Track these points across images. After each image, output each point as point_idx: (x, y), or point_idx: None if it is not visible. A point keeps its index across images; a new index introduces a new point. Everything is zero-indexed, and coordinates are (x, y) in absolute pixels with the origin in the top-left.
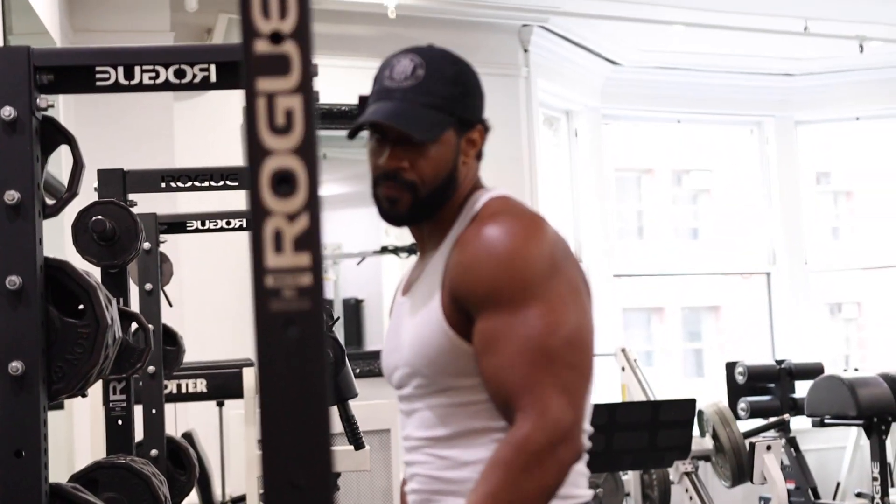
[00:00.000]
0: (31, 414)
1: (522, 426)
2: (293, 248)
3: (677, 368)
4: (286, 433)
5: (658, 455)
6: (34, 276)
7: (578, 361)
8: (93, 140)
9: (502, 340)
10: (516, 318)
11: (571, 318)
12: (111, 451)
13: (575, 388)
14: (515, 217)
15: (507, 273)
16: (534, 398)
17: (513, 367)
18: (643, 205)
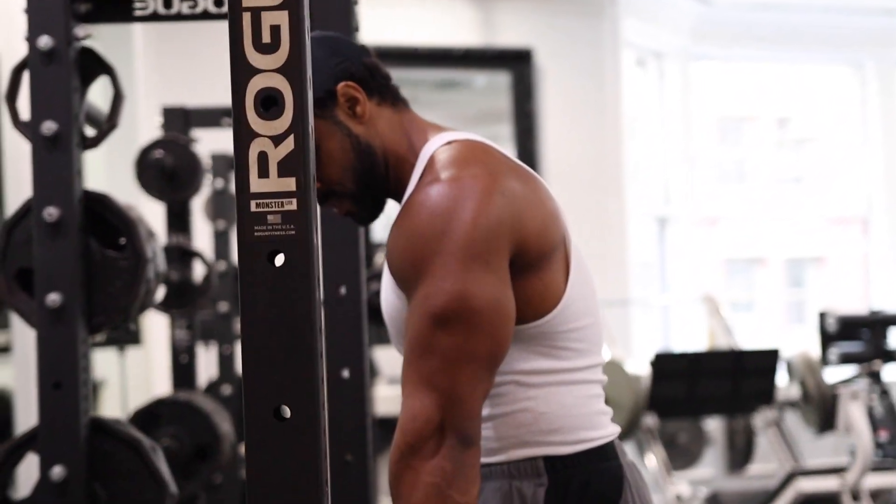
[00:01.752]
0: (69, 346)
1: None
2: (278, 172)
3: (779, 318)
4: (270, 364)
5: (741, 402)
6: (72, 207)
7: (453, 343)
8: (167, 76)
9: (406, 334)
10: (410, 306)
11: (445, 294)
12: (176, 388)
13: (444, 375)
14: (425, 191)
15: (404, 257)
16: (403, 398)
17: (402, 363)
18: (744, 151)
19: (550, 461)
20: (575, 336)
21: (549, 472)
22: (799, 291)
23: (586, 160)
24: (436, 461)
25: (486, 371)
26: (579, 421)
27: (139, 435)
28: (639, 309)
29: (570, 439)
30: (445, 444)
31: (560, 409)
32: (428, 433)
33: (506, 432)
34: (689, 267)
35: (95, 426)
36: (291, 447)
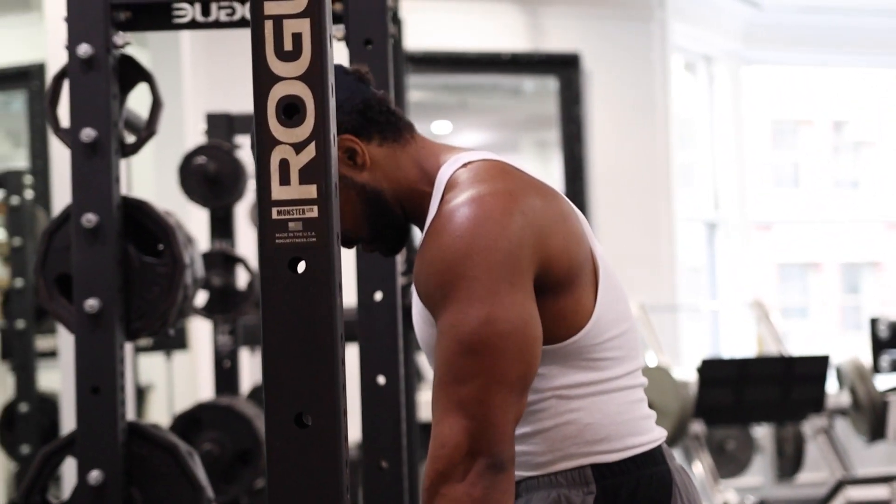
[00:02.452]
0: (107, 351)
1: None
2: (300, 180)
3: (834, 324)
4: (291, 371)
5: (791, 410)
6: (111, 214)
7: (483, 368)
8: (214, 82)
9: (435, 357)
10: (438, 332)
11: (473, 320)
12: (218, 392)
13: (474, 402)
14: (446, 215)
15: (430, 282)
16: (433, 425)
17: (432, 389)
18: (799, 154)
19: (598, 469)
20: (611, 345)
21: (598, 479)
22: (855, 297)
23: (635, 165)
24: (465, 487)
25: (516, 395)
26: (625, 428)
27: (176, 439)
28: (687, 315)
29: (618, 447)
30: (475, 470)
31: (604, 418)
32: (458, 459)
33: (552, 446)
34: (741, 272)
35: (132, 431)
36: (313, 454)
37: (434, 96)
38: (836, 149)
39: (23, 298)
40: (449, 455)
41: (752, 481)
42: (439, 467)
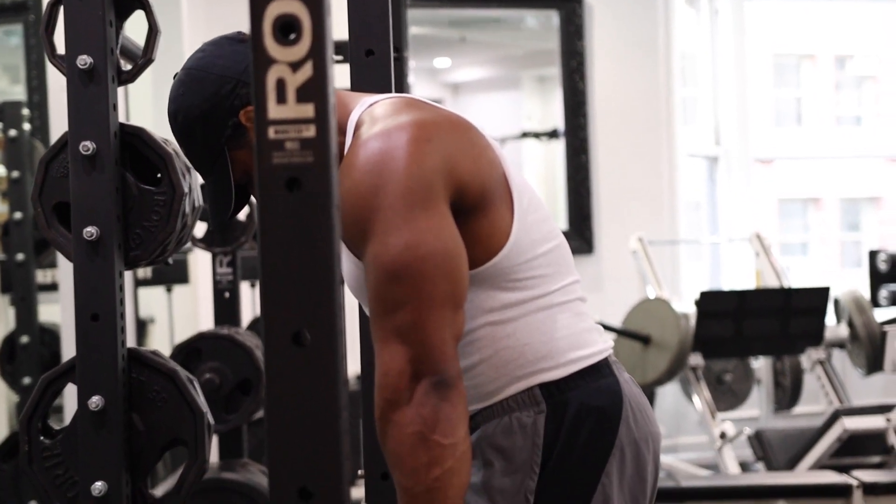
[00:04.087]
0: (106, 279)
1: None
2: (296, 99)
3: (834, 260)
4: (289, 291)
5: (789, 342)
6: (108, 141)
7: (412, 292)
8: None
9: (367, 293)
10: (366, 266)
11: (393, 248)
12: (218, 323)
13: (409, 326)
14: (353, 152)
15: (347, 221)
16: (375, 356)
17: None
18: (802, 91)
19: (546, 388)
20: (536, 264)
21: (546, 398)
22: (855, 234)
23: (636, 100)
24: (414, 409)
25: (449, 313)
26: (565, 343)
27: (175, 366)
28: (688, 249)
29: (561, 361)
30: (420, 391)
31: (541, 336)
32: (403, 385)
33: (496, 373)
34: (741, 207)
35: (132, 357)
36: (311, 372)
37: (434, 31)
38: (838, 84)
39: (22, 231)
40: (394, 382)
41: (750, 413)
42: (386, 395)
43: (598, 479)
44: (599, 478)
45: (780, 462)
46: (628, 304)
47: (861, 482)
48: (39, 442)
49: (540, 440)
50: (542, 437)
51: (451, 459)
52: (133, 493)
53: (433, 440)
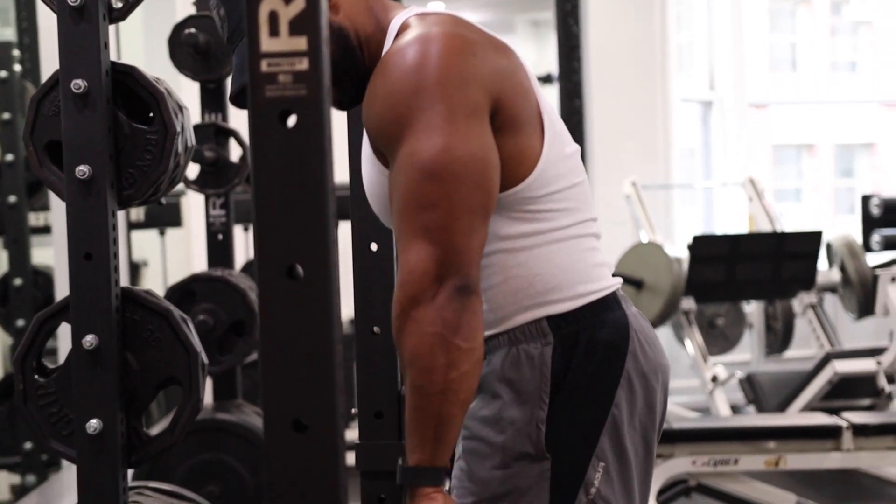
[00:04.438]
0: (99, 218)
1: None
2: (289, 31)
3: (827, 206)
4: (282, 224)
5: (782, 286)
6: (99, 79)
7: (445, 194)
8: None
9: (392, 191)
10: (396, 163)
11: (432, 147)
12: (211, 265)
13: (439, 228)
14: (397, 51)
15: (384, 115)
16: (399, 253)
17: (393, 220)
18: (798, 36)
19: (553, 320)
20: (558, 197)
21: (554, 330)
22: (848, 180)
23: (631, 44)
24: (436, 309)
25: (479, 221)
26: (576, 276)
27: (169, 305)
28: (681, 195)
29: (570, 295)
30: (444, 293)
31: (553, 267)
32: (427, 284)
33: (503, 301)
34: (735, 153)
35: (126, 297)
36: (305, 305)
37: None
38: (833, 30)
39: (14, 173)
40: (418, 280)
41: (742, 357)
42: (409, 292)
43: (608, 410)
44: (609, 409)
45: (770, 405)
46: (621, 248)
47: (851, 423)
48: (34, 380)
49: (548, 371)
50: (550, 368)
51: (468, 364)
52: (128, 431)
53: (453, 343)
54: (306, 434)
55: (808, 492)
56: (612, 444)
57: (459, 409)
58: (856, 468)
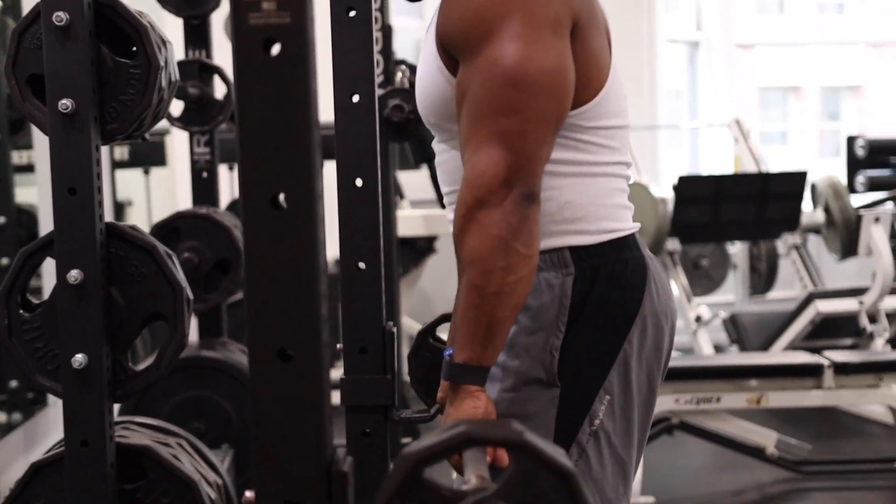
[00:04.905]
0: (83, 152)
1: (461, 186)
2: None
3: (813, 149)
4: (267, 153)
5: (766, 227)
6: (82, 12)
7: (526, 103)
8: None
9: (465, 93)
10: (474, 67)
11: (519, 57)
12: (196, 203)
13: (511, 132)
14: None
15: (467, 18)
16: (468, 153)
17: (462, 121)
18: None
19: (576, 251)
20: (605, 133)
21: (576, 262)
22: (834, 123)
23: None
24: (502, 215)
25: (551, 133)
26: (603, 211)
27: (154, 241)
28: (667, 136)
29: (594, 229)
30: (511, 199)
31: (584, 198)
32: (496, 187)
33: None
34: (721, 94)
35: (111, 232)
36: (288, 236)
37: None
38: None
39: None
40: (488, 183)
41: (726, 298)
42: (477, 194)
43: (620, 344)
44: (622, 344)
45: (753, 345)
46: None
47: (832, 362)
48: (19, 315)
49: (567, 301)
50: (570, 298)
51: (525, 269)
52: (113, 366)
53: (514, 248)
54: (291, 364)
55: (788, 429)
56: (620, 378)
57: (512, 313)
58: (836, 406)
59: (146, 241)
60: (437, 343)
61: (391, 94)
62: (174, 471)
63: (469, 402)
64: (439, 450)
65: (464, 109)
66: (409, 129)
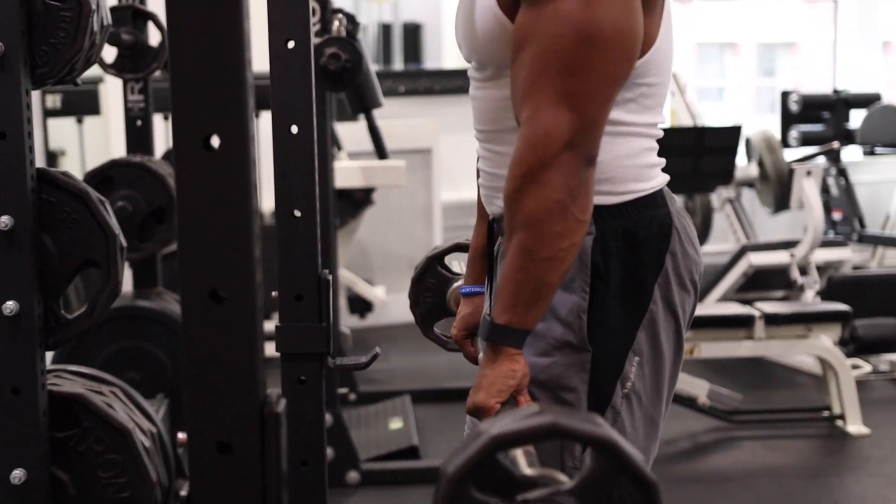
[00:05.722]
0: (13, 95)
1: (518, 142)
2: None
3: (749, 105)
4: (198, 93)
5: (701, 180)
6: None
7: (597, 63)
8: None
9: (526, 40)
10: (543, 13)
11: (594, 11)
12: (130, 152)
13: (579, 92)
14: None
15: None
16: (529, 109)
17: (522, 71)
18: None
19: (598, 211)
20: (647, 92)
21: (597, 221)
22: (770, 79)
23: None
24: (563, 178)
25: (616, 94)
26: (630, 172)
27: (86, 187)
28: None
29: (618, 190)
30: (573, 163)
31: (614, 158)
32: (559, 150)
33: None
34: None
35: (42, 178)
36: (221, 176)
37: None
38: None
39: None
40: (552, 145)
41: None
42: (540, 155)
43: (647, 304)
44: (648, 305)
45: None
46: None
47: (763, 313)
48: None
49: (588, 260)
50: (590, 257)
51: (578, 236)
52: (45, 313)
53: (571, 212)
54: (224, 305)
55: (720, 380)
56: (649, 338)
57: (559, 278)
58: (766, 357)
59: (78, 188)
60: (444, 270)
61: (328, 42)
62: (107, 418)
63: (507, 365)
64: (522, 436)
65: (524, 58)
66: (346, 79)
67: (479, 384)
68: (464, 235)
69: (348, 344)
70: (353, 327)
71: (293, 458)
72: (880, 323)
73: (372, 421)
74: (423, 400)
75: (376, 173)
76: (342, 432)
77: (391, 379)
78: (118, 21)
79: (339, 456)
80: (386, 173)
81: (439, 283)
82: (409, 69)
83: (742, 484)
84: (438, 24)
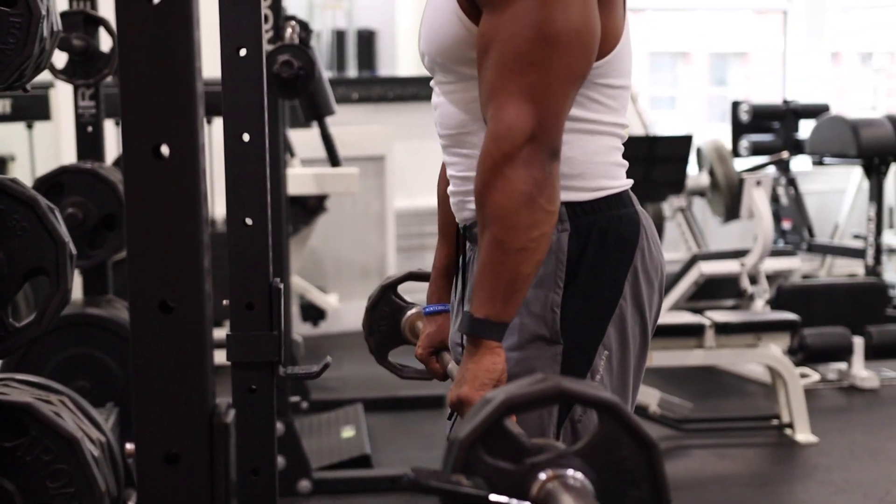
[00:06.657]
0: None
1: (484, 139)
2: None
3: (700, 114)
4: (148, 101)
5: (653, 189)
6: None
7: (555, 59)
8: None
9: (489, 45)
10: (503, 17)
11: (550, 12)
12: (81, 158)
13: (543, 90)
14: None
15: None
16: (493, 107)
17: (487, 73)
18: None
19: (572, 207)
20: (609, 93)
21: (571, 218)
22: (722, 89)
23: None
24: (528, 170)
25: (575, 90)
26: (600, 169)
27: (35, 194)
28: None
29: (590, 186)
30: (538, 156)
31: (583, 155)
32: (521, 143)
33: None
34: None
35: None
36: (170, 185)
37: None
38: None
39: None
40: (515, 138)
41: None
42: (504, 148)
43: (616, 300)
44: (618, 300)
45: None
46: None
47: (713, 322)
48: None
49: (564, 256)
50: (566, 254)
51: (548, 226)
52: None
53: (539, 204)
54: (172, 315)
55: (671, 389)
56: (617, 333)
57: (533, 269)
58: (717, 366)
59: (27, 195)
60: (397, 299)
61: (281, 49)
62: (55, 428)
63: (489, 358)
64: (530, 400)
65: (489, 61)
66: (299, 87)
67: (463, 378)
68: (417, 243)
69: (301, 352)
70: (306, 335)
71: (244, 467)
72: (829, 332)
73: (324, 429)
74: (376, 408)
75: (329, 180)
76: (294, 441)
77: (344, 387)
78: (69, 26)
79: (291, 465)
80: (339, 180)
81: (392, 312)
82: (362, 76)
83: (691, 492)
84: (392, 31)
